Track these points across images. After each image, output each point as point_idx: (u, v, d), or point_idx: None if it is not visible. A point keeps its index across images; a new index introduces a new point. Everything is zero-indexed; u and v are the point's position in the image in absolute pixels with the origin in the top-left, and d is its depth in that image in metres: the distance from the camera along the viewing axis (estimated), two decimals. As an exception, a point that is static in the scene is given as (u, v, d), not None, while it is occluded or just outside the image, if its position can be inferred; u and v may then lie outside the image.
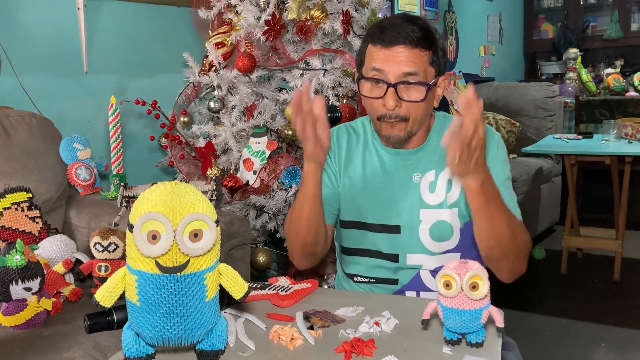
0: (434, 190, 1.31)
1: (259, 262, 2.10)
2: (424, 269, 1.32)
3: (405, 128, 1.26)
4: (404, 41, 1.21)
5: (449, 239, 1.31)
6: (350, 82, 2.11)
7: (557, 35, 6.02)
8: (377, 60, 1.23)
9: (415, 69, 1.21)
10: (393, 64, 1.21)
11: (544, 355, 2.39)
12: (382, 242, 1.33)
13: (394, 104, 1.22)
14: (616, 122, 3.29)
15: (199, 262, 0.83)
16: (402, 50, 1.21)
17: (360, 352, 0.91)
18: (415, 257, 1.32)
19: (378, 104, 1.25)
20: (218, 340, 0.89)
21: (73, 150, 1.93)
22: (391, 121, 1.25)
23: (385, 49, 1.22)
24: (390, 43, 1.22)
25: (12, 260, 1.33)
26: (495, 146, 1.31)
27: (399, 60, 1.21)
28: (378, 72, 1.23)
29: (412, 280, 1.33)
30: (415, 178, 1.32)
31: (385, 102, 1.22)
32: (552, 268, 3.39)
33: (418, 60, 1.22)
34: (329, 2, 2.12)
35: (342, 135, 1.41)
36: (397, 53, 1.21)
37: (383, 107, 1.24)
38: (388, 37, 1.22)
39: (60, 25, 2.18)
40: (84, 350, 1.29)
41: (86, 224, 1.85)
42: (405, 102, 1.23)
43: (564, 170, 3.57)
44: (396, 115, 1.24)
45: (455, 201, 1.30)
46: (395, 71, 1.21)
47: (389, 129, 1.26)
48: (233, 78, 2.10)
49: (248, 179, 2.04)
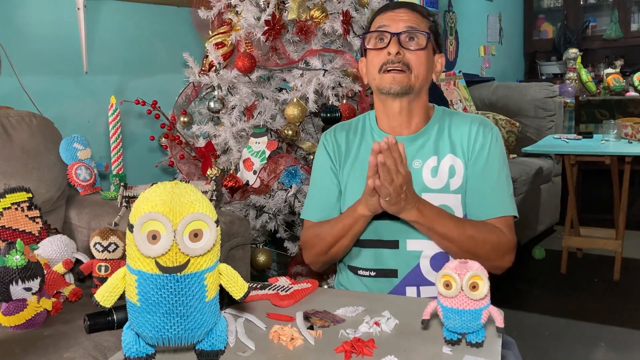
0: (436, 174, 1.33)
1: (259, 262, 2.11)
2: (424, 255, 1.33)
3: (408, 78, 1.31)
4: (406, 6, 1.36)
5: None
6: (350, 82, 2.11)
7: (557, 35, 6.02)
8: (382, 19, 1.35)
9: (417, 24, 1.33)
10: (397, 20, 1.33)
11: (544, 355, 2.39)
12: (382, 228, 1.34)
13: (397, 49, 1.30)
14: (616, 122, 3.29)
15: (199, 262, 0.83)
16: (404, 11, 1.35)
17: (360, 352, 0.91)
18: (416, 242, 1.33)
19: (381, 56, 1.32)
20: (218, 340, 0.89)
21: (73, 150, 1.93)
22: (394, 67, 1.31)
23: (389, 12, 1.36)
24: (394, 7, 1.36)
25: (12, 260, 1.33)
26: (494, 141, 1.34)
27: (402, 18, 1.33)
28: (383, 27, 1.33)
29: (411, 271, 1.33)
30: (415, 164, 1.34)
31: (388, 49, 1.31)
32: (552, 268, 3.39)
33: (419, 21, 1.34)
34: (329, 2, 2.12)
35: (340, 132, 1.45)
36: (400, 13, 1.34)
37: (386, 55, 1.31)
38: (392, 5, 1.38)
39: (60, 25, 2.18)
40: (84, 350, 1.29)
41: (86, 224, 1.85)
42: (407, 52, 1.31)
43: (563, 170, 3.57)
44: (399, 60, 1.31)
45: (459, 187, 1.33)
46: (399, 24, 1.32)
47: (390, 79, 1.31)
48: (233, 78, 2.10)
49: (248, 179, 2.04)
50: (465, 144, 1.34)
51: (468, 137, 1.34)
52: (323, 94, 2.09)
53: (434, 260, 1.32)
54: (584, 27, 5.94)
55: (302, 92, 2.05)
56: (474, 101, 3.97)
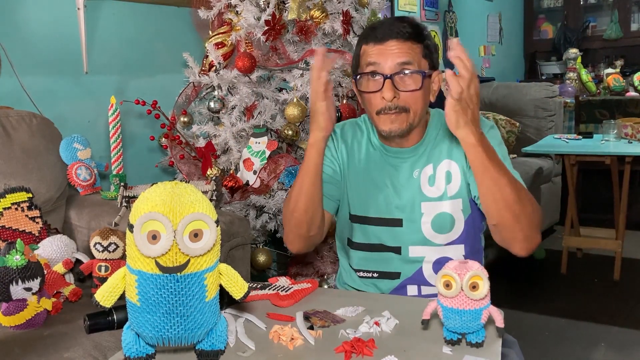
0: (434, 183, 1.32)
1: (259, 262, 2.10)
2: (427, 261, 1.33)
3: (407, 119, 1.26)
4: (395, 36, 1.25)
5: (451, 231, 1.32)
6: (350, 82, 2.11)
7: (557, 35, 6.02)
8: (371, 55, 1.26)
9: (409, 59, 1.24)
10: (387, 57, 1.24)
11: (544, 355, 2.39)
12: (386, 235, 1.35)
13: (392, 94, 1.23)
14: (616, 122, 3.29)
15: (199, 262, 0.83)
16: (394, 43, 1.24)
17: (360, 352, 0.91)
18: (418, 249, 1.33)
19: (376, 99, 1.26)
20: (218, 340, 0.89)
21: (73, 150, 1.93)
22: (390, 113, 1.25)
23: (378, 45, 1.26)
24: (382, 39, 1.25)
25: (12, 260, 1.33)
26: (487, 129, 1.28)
27: (392, 53, 1.24)
28: (373, 65, 1.25)
29: (414, 274, 1.34)
30: (415, 174, 1.34)
31: (382, 94, 1.24)
32: (552, 268, 3.38)
33: (411, 51, 1.25)
34: (329, 2, 2.12)
35: (348, 129, 1.43)
36: (391, 47, 1.24)
37: (381, 100, 1.25)
38: (380, 34, 1.26)
39: (60, 25, 2.18)
40: (84, 350, 1.29)
41: (86, 224, 1.85)
42: (402, 93, 1.24)
43: (564, 170, 3.57)
44: (395, 106, 1.24)
45: (457, 192, 1.32)
46: (390, 63, 1.24)
47: (388, 123, 1.26)
48: (233, 78, 2.10)
49: (248, 179, 2.04)
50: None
51: None
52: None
53: (436, 265, 1.33)
54: (584, 27, 5.93)
55: (302, 92, 2.05)
56: (474, 101, 3.96)
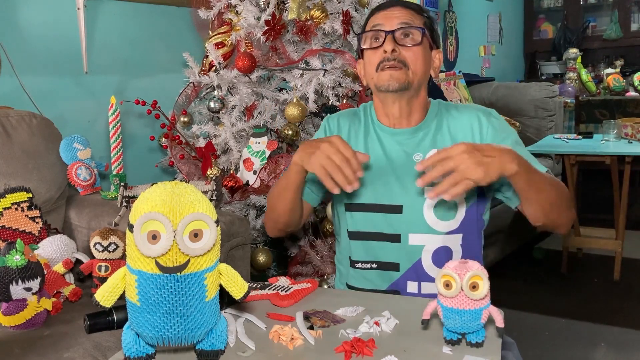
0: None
1: (259, 262, 2.11)
2: (426, 250, 1.33)
3: (406, 75, 1.30)
4: (399, 4, 1.36)
5: (453, 218, 1.33)
6: (350, 82, 2.11)
7: (557, 35, 6.02)
8: (376, 18, 1.35)
9: (410, 21, 1.33)
10: (390, 18, 1.33)
11: (544, 355, 2.39)
12: (385, 222, 1.35)
13: (392, 46, 1.30)
14: (616, 122, 3.29)
15: (199, 262, 0.83)
16: (398, 9, 1.35)
17: (360, 352, 0.91)
18: (418, 237, 1.33)
19: (378, 54, 1.32)
20: (218, 340, 0.89)
21: (73, 150, 1.93)
22: (390, 65, 1.30)
23: (383, 11, 1.36)
24: (387, 6, 1.37)
25: (12, 260, 1.33)
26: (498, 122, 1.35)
27: (395, 15, 1.33)
28: (377, 26, 1.34)
29: (413, 266, 1.34)
30: (416, 157, 1.34)
31: (384, 47, 1.30)
32: (552, 268, 3.39)
33: (413, 17, 1.34)
34: (329, 2, 2.12)
35: (344, 120, 1.45)
36: (394, 11, 1.34)
37: (382, 54, 1.31)
38: (386, 4, 1.38)
39: (60, 26, 2.18)
40: (84, 350, 1.29)
41: (86, 224, 1.85)
42: (402, 48, 1.31)
43: (564, 170, 3.56)
44: (395, 57, 1.30)
45: None
46: (393, 21, 1.32)
47: (388, 77, 1.31)
48: (233, 78, 2.10)
49: (248, 179, 2.04)
50: (470, 136, 1.33)
51: (472, 129, 1.33)
52: (323, 94, 2.09)
53: (435, 255, 1.33)
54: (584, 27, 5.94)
55: (302, 92, 2.05)
56: (474, 101, 3.97)
